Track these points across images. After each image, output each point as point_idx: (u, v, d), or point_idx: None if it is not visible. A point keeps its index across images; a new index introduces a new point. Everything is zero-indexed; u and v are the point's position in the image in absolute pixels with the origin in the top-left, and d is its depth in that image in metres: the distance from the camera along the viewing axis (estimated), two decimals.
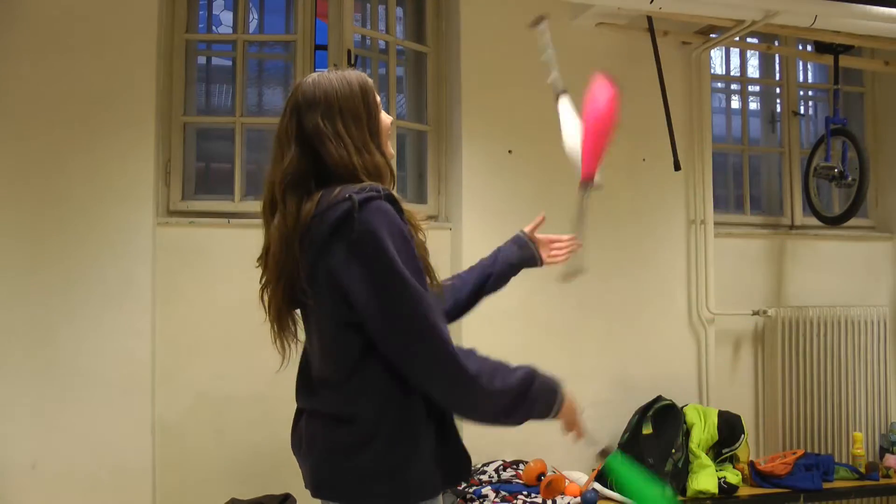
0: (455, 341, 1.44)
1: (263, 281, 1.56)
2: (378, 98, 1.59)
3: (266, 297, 1.56)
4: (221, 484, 3.10)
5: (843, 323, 4.02)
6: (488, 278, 1.89)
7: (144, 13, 3.19)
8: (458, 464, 1.55)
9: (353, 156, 1.48)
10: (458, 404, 1.49)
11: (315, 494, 1.54)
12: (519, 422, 1.50)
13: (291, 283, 1.49)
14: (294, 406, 1.66)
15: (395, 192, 1.48)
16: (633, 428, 3.47)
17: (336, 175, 1.49)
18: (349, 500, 1.49)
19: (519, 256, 1.94)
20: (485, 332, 2.54)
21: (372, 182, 1.47)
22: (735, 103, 4.42)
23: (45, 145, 3.08)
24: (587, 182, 1.96)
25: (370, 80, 1.59)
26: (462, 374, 1.41)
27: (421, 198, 3.69)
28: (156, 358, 3.14)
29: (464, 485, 3.12)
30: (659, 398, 3.52)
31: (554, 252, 1.98)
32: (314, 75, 1.57)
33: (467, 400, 1.46)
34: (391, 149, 1.62)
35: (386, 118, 1.60)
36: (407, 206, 1.49)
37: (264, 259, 1.56)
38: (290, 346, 1.57)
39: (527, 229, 1.98)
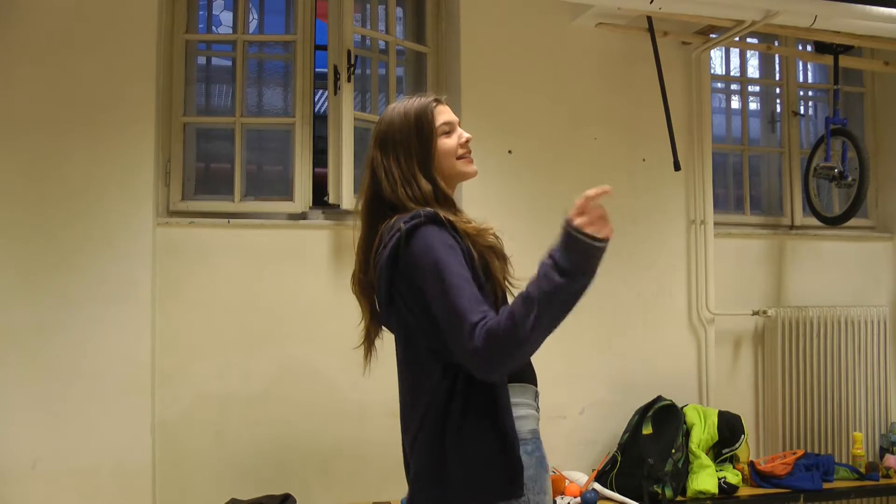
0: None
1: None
2: (438, 122, 1.64)
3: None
4: (221, 484, 3.10)
5: (843, 323, 4.02)
6: None
7: (144, 13, 3.19)
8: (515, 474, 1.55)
9: (399, 188, 1.60)
10: (523, 349, 1.44)
11: None
12: (576, 295, 1.47)
13: (372, 306, 1.66)
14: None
15: (441, 213, 1.54)
16: (633, 428, 3.47)
17: (391, 204, 1.62)
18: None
19: None
20: None
21: (420, 208, 1.55)
22: (735, 103, 4.42)
23: (45, 145, 3.08)
24: None
25: (430, 106, 1.66)
26: (510, 335, 1.40)
27: None
28: (156, 358, 3.14)
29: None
30: (659, 398, 3.52)
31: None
32: (390, 107, 1.70)
33: (524, 346, 1.43)
34: (466, 167, 1.67)
35: (452, 139, 1.65)
36: (464, 218, 1.58)
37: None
38: (369, 361, 1.70)
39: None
